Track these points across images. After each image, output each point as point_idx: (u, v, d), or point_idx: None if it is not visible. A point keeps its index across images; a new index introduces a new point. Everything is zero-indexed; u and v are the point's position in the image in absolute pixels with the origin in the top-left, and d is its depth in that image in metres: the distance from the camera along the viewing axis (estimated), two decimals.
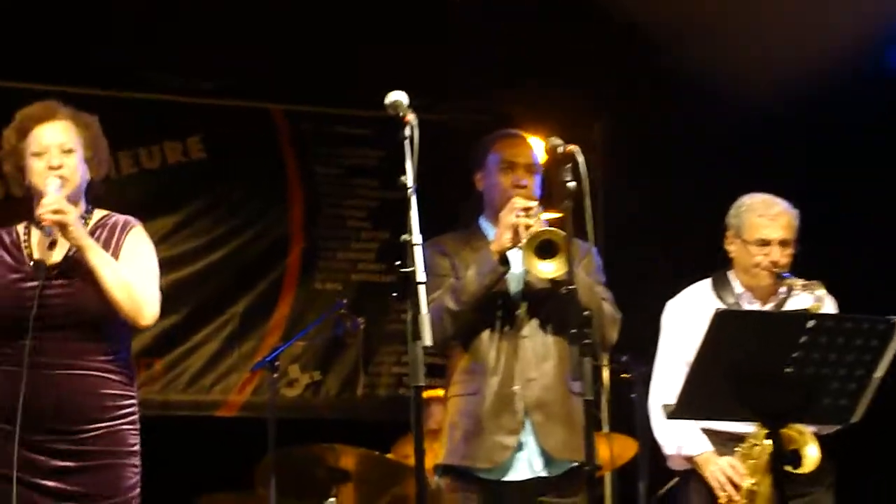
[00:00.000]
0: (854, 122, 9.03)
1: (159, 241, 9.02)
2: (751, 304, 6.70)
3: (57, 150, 5.63)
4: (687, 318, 6.69)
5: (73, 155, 5.66)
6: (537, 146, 6.35)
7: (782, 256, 6.56)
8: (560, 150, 5.79)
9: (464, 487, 6.20)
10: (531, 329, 6.23)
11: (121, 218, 5.84)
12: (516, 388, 6.14)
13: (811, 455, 6.33)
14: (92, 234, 5.69)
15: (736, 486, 6.36)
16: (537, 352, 6.21)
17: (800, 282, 6.47)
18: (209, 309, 10.07)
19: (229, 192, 10.38)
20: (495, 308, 6.22)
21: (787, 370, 5.47)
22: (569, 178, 5.75)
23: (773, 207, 6.64)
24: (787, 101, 9.47)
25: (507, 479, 6.17)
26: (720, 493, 6.40)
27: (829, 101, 9.28)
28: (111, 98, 9.62)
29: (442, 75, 9.49)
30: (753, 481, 6.33)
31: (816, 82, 9.41)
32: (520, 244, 6.01)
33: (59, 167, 5.61)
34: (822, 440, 6.37)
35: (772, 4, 9.54)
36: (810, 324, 5.48)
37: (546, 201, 6.25)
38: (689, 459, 6.56)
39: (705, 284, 6.83)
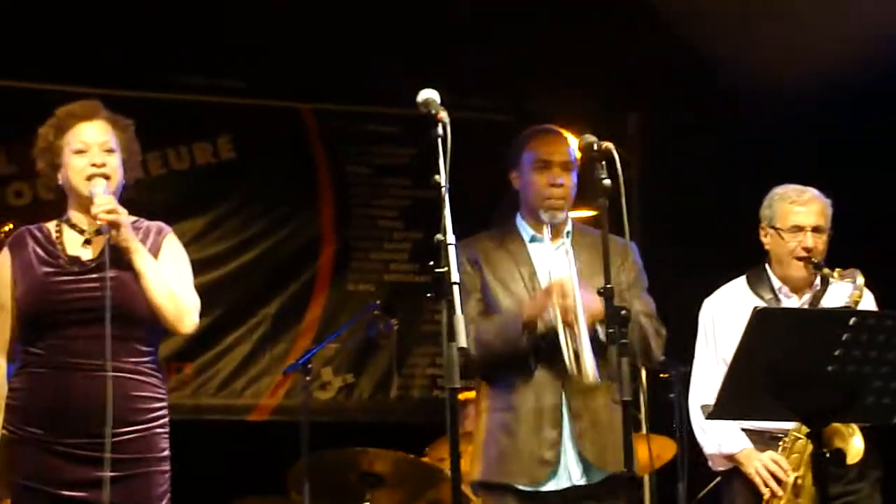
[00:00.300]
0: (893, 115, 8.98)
1: (189, 243, 9.00)
2: (788, 298, 6.64)
3: (99, 149, 5.65)
4: (724, 315, 6.66)
5: (114, 155, 5.69)
6: (573, 142, 6.29)
7: (817, 243, 6.52)
8: (595, 147, 5.75)
9: (500, 499, 6.17)
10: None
11: (153, 224, 5.84)
12: (558, 398, 6.06)
13: (856, 446, 6.25)
14: (139, 239, 5.70)
15: (779, 481, 6.30)
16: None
17: (837, 271, 6.42)
18: (240, 311, 10.06)
19: (259, 192, 10.37)
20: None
21: (829, 368, 5.40)
22: (604, 176, 5.71)
23: (804, 194, 6.62)
24: (827, 93, 9.43)
25: (545, 489, 6.11)
26: (763, 490, 6.33)
27: (869, 94, 9.23)
28: (140, 99, 9.58)
29: (470, 72, 9.45)
30: (798, 475, 6.27)
31: (856, 75, 9.38)
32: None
33: (103, 165, 5.62)
34: (868, 431, 6.30)
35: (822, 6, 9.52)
36: (852, 321, 5.42)
37: (581, 198, 6.21)
38: (730, 458, 6.50)
39: (742, 281, 6.77)
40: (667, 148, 9.90)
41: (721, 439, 6.49)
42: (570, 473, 6.08)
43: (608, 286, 5.60)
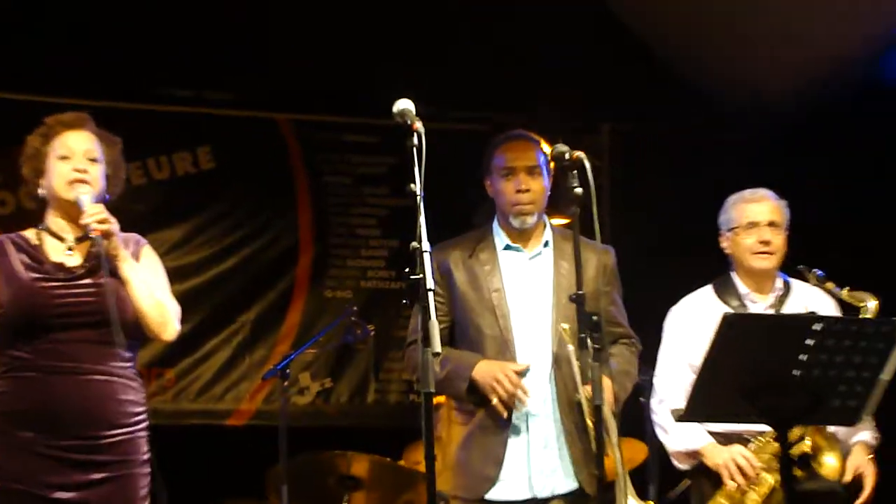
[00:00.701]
0: (858, 129, 9.04)
1: (169, 251, 9.17)
2: (755, 304, 6.74)
3: (83, 157, 5.68)
4: (691, 322, 6.76)
5: (97, 165, 5.71)
6: (544, 147, 6.35)
7: (774, 237, 6.64)
8: (566, 156, 5.82)
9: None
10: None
11: (130, 235, 5.87)
12: (522, 407, 6.13)
13: (828, 463, 6.38)
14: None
15: (744, 473, 6.39)
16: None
17: (844, 292, 6.53)
18: (220, 318, 10.11)
19: (239, 201, 10.43)
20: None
21: (795, 372, 5.50)
22: (575, 185, 5.78)
23: (757, 193, 6.80)
24: (794, 107, 9.52)
25: (495, 497, 6.19)
26: (728, 481, 6.43)
27: (833, 109, 9.31)
28: (121, 109, 9.63)
29: (449, 83, 9.50)
30: (766, 470, 6.36)
31: (821, 90, 9.46)
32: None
33: (84, 172, 5.63)
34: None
35: (777, 15, 9.58)
36: (817, 326, 5.50)
37: (553, 207, 6.27)
38: (695, 453, 6.61)
39: (708, 289, 6.87)
40: (637, 158, 9.95)
41: (684, 437, 6.60)
42: (532, 487, 6.16)
43: (580, 293, 5.70)
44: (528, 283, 6.21)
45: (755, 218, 6.67)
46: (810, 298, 6.59)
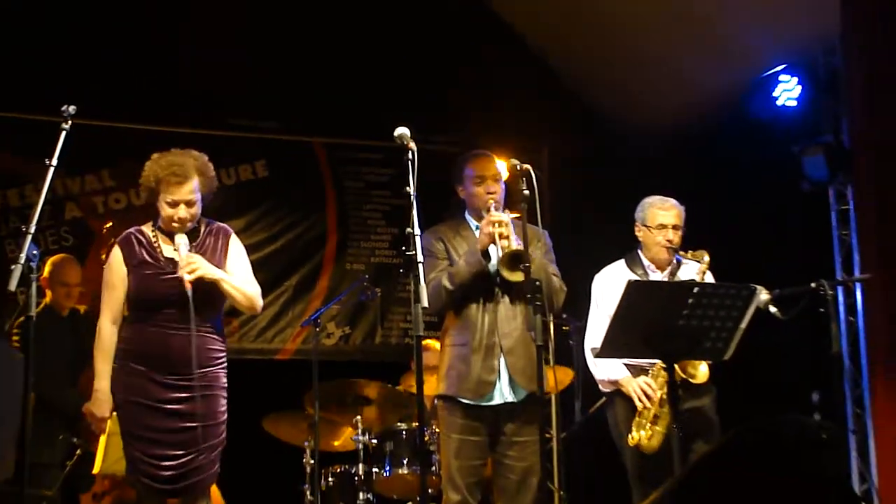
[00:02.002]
0: (727, 149, 9.03)
1: (236, 234, 9.09)
2: (653, 273, 6.77)
3: (185, 206, 5.77)
4: (608, 286, 6.75)
5: (194, 205, 5.81)
6: (500, 164, 6.39)
7: (675, 237, 6.69)
8: (518, 167, 5.94)
9: (451, 409, 6.23)
10: (504, 300, 6.25)
11: (219, 225, 6.06)
12: (496, 339, 6.17)
13: (702, 371, 6.45)
14: (205, 239, 5.93)
15: (649, 397, 6.44)
16: (508, 315, 6.22)
17: (689, 253, 6.62)
18: (271, 283, 10.04)
19: (284, 200, 10.38)
20: (480, 287, 6.25)
21: (680, 322, 5.57)
22: (525, 188, 5.88)
23: (667, 202, 6.79)
24: (677, 132, 9.51)
25: (484, 403, 6.19)
26: (638, 403, 6.48)
27: (707, 134, 9.30)
28: (200, 135, 9.58)
29: (433, 116, 9.48)
30: (662, 392, 6.38)
31: (697, 120, 9.44)
32: (497, 246, 6.07)
33: (183, 220, 5.78)
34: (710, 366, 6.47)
35: (666, 59, 9.55)
36: (696, 290, 5.59)
37: (508, 204, 6.29)
38: (615, 382, 6.63)
39: (622, 262, 6.87)
40: (568, 169, 9.93)
41: (609, 370, 6.62)
42: (503, 393, 6.18)
43: (527, 265, 5.78)
44: (492, 249, 6.24)
45: (664, 221, 6.70)
46: (692, 272, 6.59)
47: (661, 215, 6.73)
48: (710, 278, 6.63)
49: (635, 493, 6.62)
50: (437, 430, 6.92)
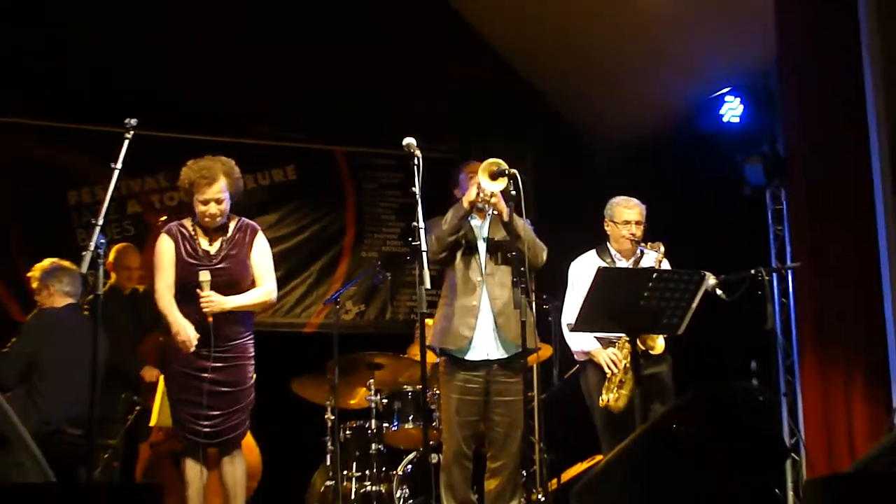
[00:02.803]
0: (682, 158, 9.01)
1: (268, 228, 9.15)
2: (620, 261, 6.78)
3: (214, 204, 5.86)
4: (583, 271, 6.79)
5: (223, 203, 5.90)
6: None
7: (637, 230, 6.71)
8: (506, 172, 5.96)
9: (450, 375, 6.33)
10: (491, 268, 6.29)
11: (248, 223, 6.09)
12: (476, 302, 6.26)
13: (660, 343, 6.48)
14: (235, 234, 5.99)
15: (615, 364, 6.47)
16: (497, 280, 6.29)
17: (648, 244, 6.64)
18: (299, 268, 10.04)
19: (310, 198, 10.33)
20: (469, 253, 6.28)
21: (641, 303, 5.59)
22: (512, 189, 5.89)
23: (631, 202, 6.81)
24: (639, 143, 9.50)
25: (469, 357, 6.24)
26: (607, 370, 6.51)
27: (665, 145, 9.29)
28: (240, 143, 9.55)
29: (435, 127, 9.46)
30: (626, 362, 6.41)
31: (657, 133, 9.43)
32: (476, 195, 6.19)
33: (214, 215, 5.89)
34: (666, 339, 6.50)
35: (632, 90, 9.55)
36: (654, 276, 5.61)
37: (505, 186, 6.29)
38: (588, 353, 6.64)
39: (593, 252, 6.90)
40: (547, 173, 9.91)
41: (582, 342, 6.64)
42: (487, 350, 6.20)
43: (514, 253, 5.84)
44: (483, 230, 6.35)
45: (628, 218, 6.73)
46: (652, 260, 6.62)
47: (625, 213, 6.76)
48: (666, 265, 6.64)
49: (604, 445, 6.63)
50: (438, 391, 6.93)
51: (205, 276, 5.76)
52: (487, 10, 10.24)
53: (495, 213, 6.26)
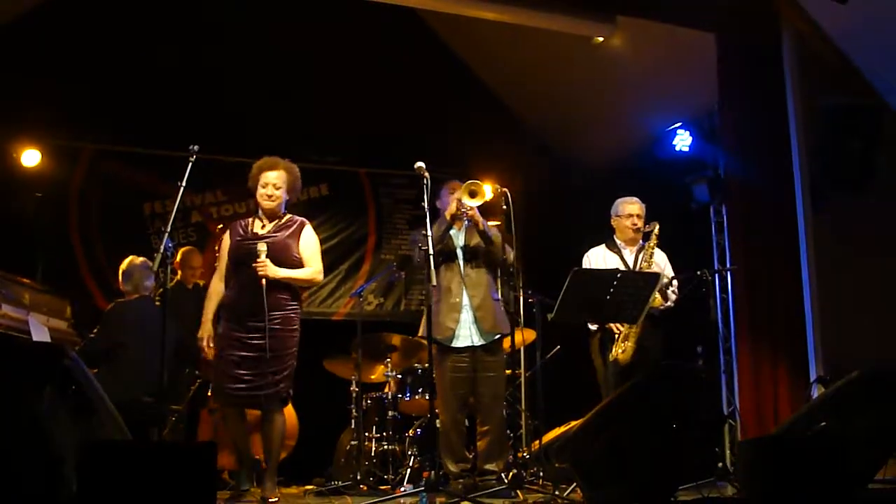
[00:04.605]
0: (641, 179, 8.99)
1: None
2: (625, 250, 6.72)
3: (272, 186, 5.83)
4: (594, 260, 6.74)
5: (280, 189, 5.85)
6: (487, 187, 6.35)
7: (639, 222, 6.69)
8: (499, 190, 5.99)
9: (442, 357, 6.34)
10: (469, 268, 6.28)
11: (300, 219, 6.03)
12: (459, 299, 6.26)
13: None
14: (289, 222, 5.91)
15: (620, 326, 6.37)
16: (474, 280, 6.28)
17: (646, 226, 6.65)
18: (330, 267, 9.97)
19: (340, 211, 10.33)
20: (450, 259, 6.27)
21: (608, 298, 5.54)
22: (504, 203, 5.88)
23: (632, 199, 6.81)
24: (607, 166, 9.48)
25: (455, 345, 6.25)
26: (615, 329, 6.36)
27: (628, 168, 9.27)
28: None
29: (442, 153, 9.48)
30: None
31: (622, 158, 9.42)
32: (457, 209, 6.20)
33: (271, 196, 5.83)
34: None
35: (603, 123, 9.54)
36: (619, 275, 5.55)
37: (491, 215, 6.28)
38: None
39: (602, 245, 6.81)
40: (533, 191, 9.88)
41: None
42: (472, 338, 6.20)
43: (504, 258, 5.79)
44: (459, 239, 6.36)
45: (631, 212, 6.72)
46: (651, 236, 6.65)
47: (628, 207, 6.73)
48: (659, 253, 6.66)
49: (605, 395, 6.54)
50: None
51: (262, 246, 5.63)
52: (486, 60, 10.28)
53: (470, 223, 6.26)
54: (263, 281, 5.58)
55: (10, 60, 8.45)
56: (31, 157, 8.91)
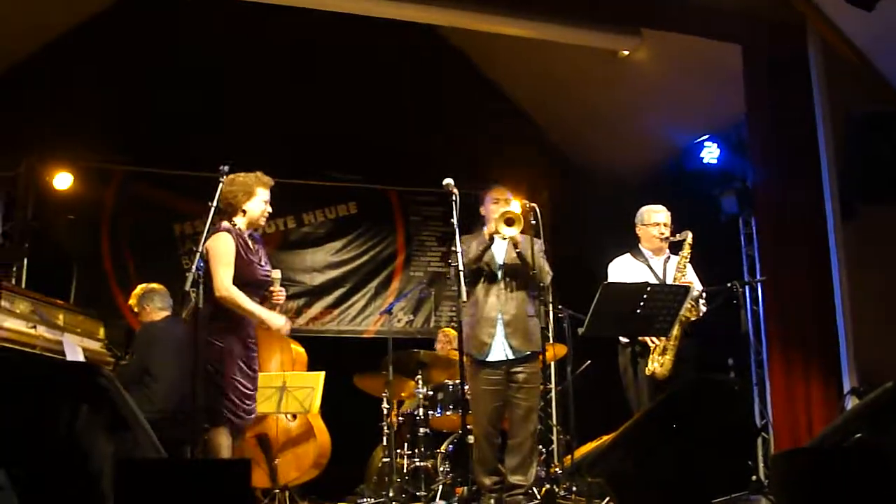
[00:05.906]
0: (669, 192, 8.96)
1: (335, 253, 9.18)
2: (652, 259, 6.60)
3: (269, 204, 5.63)
4: (619, 269, 6.60)
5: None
6: (515, 203, 6.33)
7: (666, 230, 6.57)
8: (528, 205, 5.98)
9: (475, 370, 6.30)
10: (505, 283, 6.26)
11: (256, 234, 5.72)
12: (494, 314, 6.23)
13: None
14: (257, 240, 5.63)
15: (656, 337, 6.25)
16: (509, 296, 6.26)
17: (677, 235, 6.51)
18: (360, 285, 10.08)
19: (369, 228, 10.36)
20: (489, 274, 6.25)
21: (638, 311, 5.51)
22: (532, 219, 5.88)
23: (658, 206, 6.70)
24: (634, 180, 9.47)
25: (489, 359, 6.23)
26: (651, 343, 6.25)
27: (655, 181, 9.26)
28: (313, 185, 9.74)
29: (468, 169, 9.49)
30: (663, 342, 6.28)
31: (649, 172, 9.40)
32: (497, 230, 6.11)
33: (268, 213, 5.62)
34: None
35: (631, 137, 9.54)
36: (648, 289, 5.52)
37: (520, 229, 6.26)
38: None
39: (628, 255, 6.69)
40: (560, 205, 9.89)
41: None
42: (505, 352, 6.18)
43: (534, 271, 5.79)
44: (501, 249, 6.30)
45: (657, 220, 6.60)
46: (674, 263, 6.54)
47: (654, 215, 6.62)
48: (692, 272, 6.52)
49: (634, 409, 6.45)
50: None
51: (276, 274, 5.49)
52: (512, 77, 10.32)
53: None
54: (278, 309, 5.49)
55: (40, 86, 8.57)
56: (63, 181, 9.02)
